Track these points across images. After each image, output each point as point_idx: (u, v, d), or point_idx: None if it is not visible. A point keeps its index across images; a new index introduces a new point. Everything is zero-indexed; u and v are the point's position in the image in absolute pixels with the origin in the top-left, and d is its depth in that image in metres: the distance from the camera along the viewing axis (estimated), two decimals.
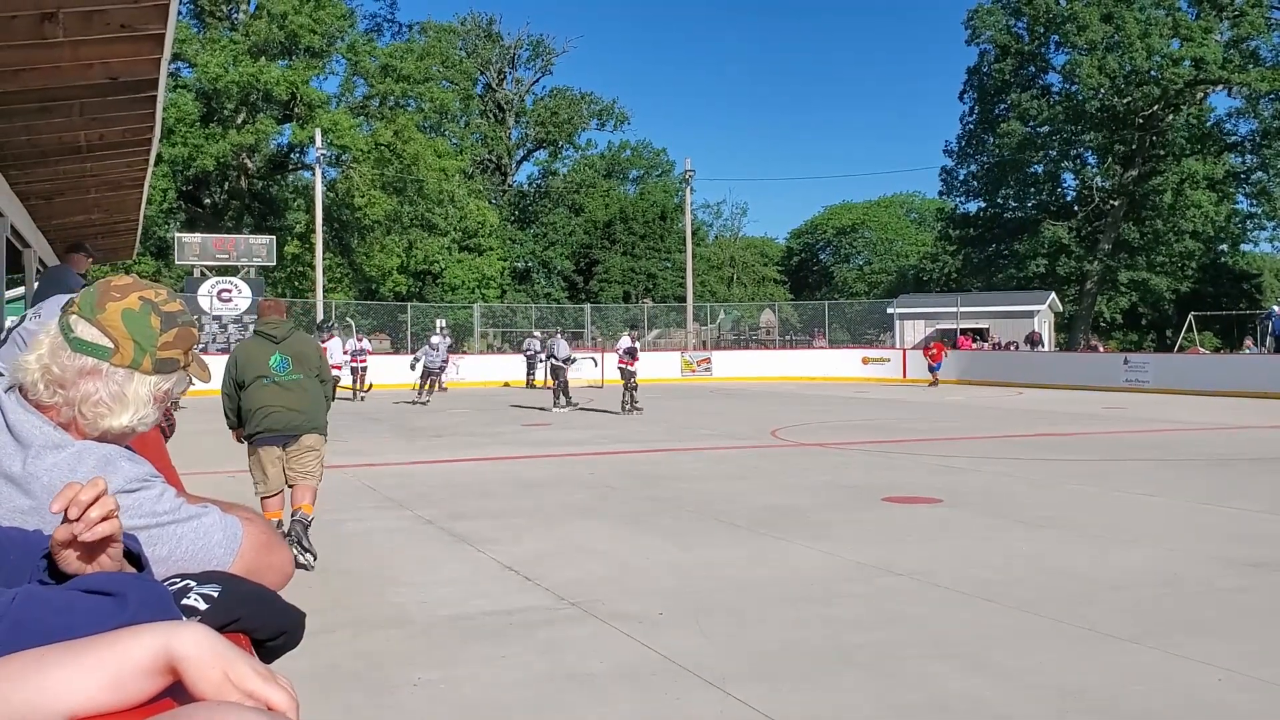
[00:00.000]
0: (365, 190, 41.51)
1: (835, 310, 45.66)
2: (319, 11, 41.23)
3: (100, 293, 1.55)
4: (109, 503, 1.18)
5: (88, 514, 1.17)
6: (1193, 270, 48.03)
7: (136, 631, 1.02)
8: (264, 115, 41.02)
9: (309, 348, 7.12)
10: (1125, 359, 28.26)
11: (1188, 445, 13.53)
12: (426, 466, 12.04)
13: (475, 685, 4.37)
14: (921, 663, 4.56)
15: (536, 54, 61.43)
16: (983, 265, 51.40)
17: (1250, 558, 6.58)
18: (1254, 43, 43.31)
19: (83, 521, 1.17)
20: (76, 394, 1.50)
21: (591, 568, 6.54)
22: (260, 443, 6.84)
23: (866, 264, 70.89)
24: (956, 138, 53.04)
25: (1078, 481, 10.16)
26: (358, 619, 5.35)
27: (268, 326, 6.98)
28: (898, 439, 14.41)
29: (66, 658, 0.99)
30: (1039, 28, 47.38)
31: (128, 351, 1.52)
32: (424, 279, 48.11)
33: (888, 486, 9.82)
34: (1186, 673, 4.39)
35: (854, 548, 7.00)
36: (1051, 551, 6.86)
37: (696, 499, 9.23)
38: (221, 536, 1.49)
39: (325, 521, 8.28)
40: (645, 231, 57.00)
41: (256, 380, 6.80)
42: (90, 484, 1.18)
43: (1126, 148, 46.75)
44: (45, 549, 1.26)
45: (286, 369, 6.82)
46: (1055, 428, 16.01)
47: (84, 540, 1.18)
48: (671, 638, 4.95)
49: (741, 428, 16.66)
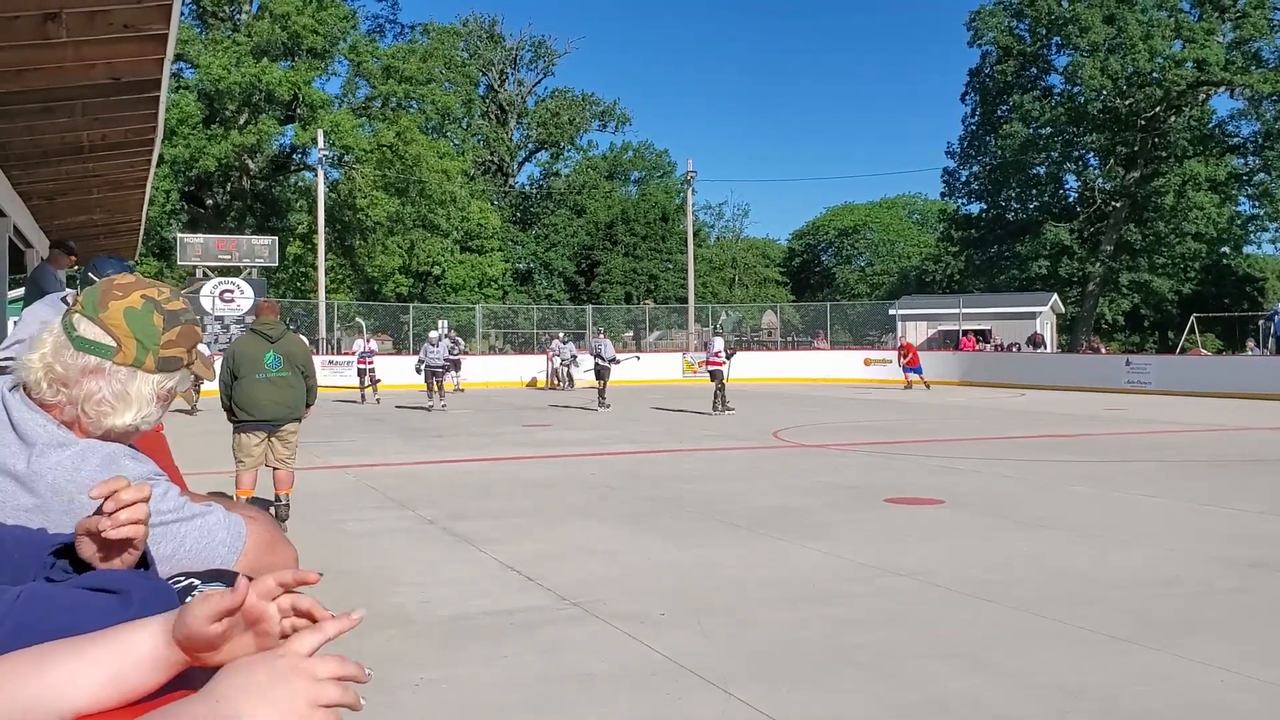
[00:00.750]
0: (368, 191, 41.54)
1: (837, 311, 45.65)
2: (321, 12, 41.28)
3: (103, 291, 1.56)
4: (142, 510, 1.23)
5: (118, 514, 1.20)
6: (1195, 272, 48.03)
7: (136, 626, 1.03)
8: (266, 116, 41.06)
9: (298, 348, 8.06)
10: (1127, 360, 28.24)
11: (1189, 447, 13.52)
12: (428, 467, 12.05)
13: (476, 685, 4.37)
14: (922, 663, 4.56)
15: (538, 55, 61.55)
16: (985, 267, 51.41)
17: (1251, 558, 6.58)
18: (1256, 44, 43.31)
19: (112, 519, 1.20)
20: (80, 392, 1.51)
21: (592, 568, 6.54)
22: (248, 429, 7.81)
23: (868, 265, 70.90)
24: (958, 139, 53.18)
25: (1079, 482, 10.16)
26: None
27: (264, 326, 7.88)
28: (899, 440, 14.41)
29: (69, 654, 1.00)
30: (1041, 29, 47.40)
31: (130, 350, 1.53)
32: (426, 280, 48.13)
33: (889, 487, 9.82)
34: (1187, 673, 4.39)
35: (855, 548, 7.01)
36: (1052, 552, 6.86)
37: (697, 499, 9.24)
38: (225, 535, 1.50)
39: (326, 521, 8.30)
40: (647, 233, 57.03)
41: (251, 375, 7.70)
42: (136, 486, 1.23)
43: (1129, 149, 46.75)
44: (55, 545, 1.27)
45: (279, 366, 7.75)
46: (1057, 429, 16.01)
47: (106, 536, 1.21)
48: (672, 638, 4.96)
49: (743, 429, 16.66)
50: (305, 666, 0.92)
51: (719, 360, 20.17)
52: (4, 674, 0.97)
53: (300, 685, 0.90)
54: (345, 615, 0.98)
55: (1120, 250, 47.24)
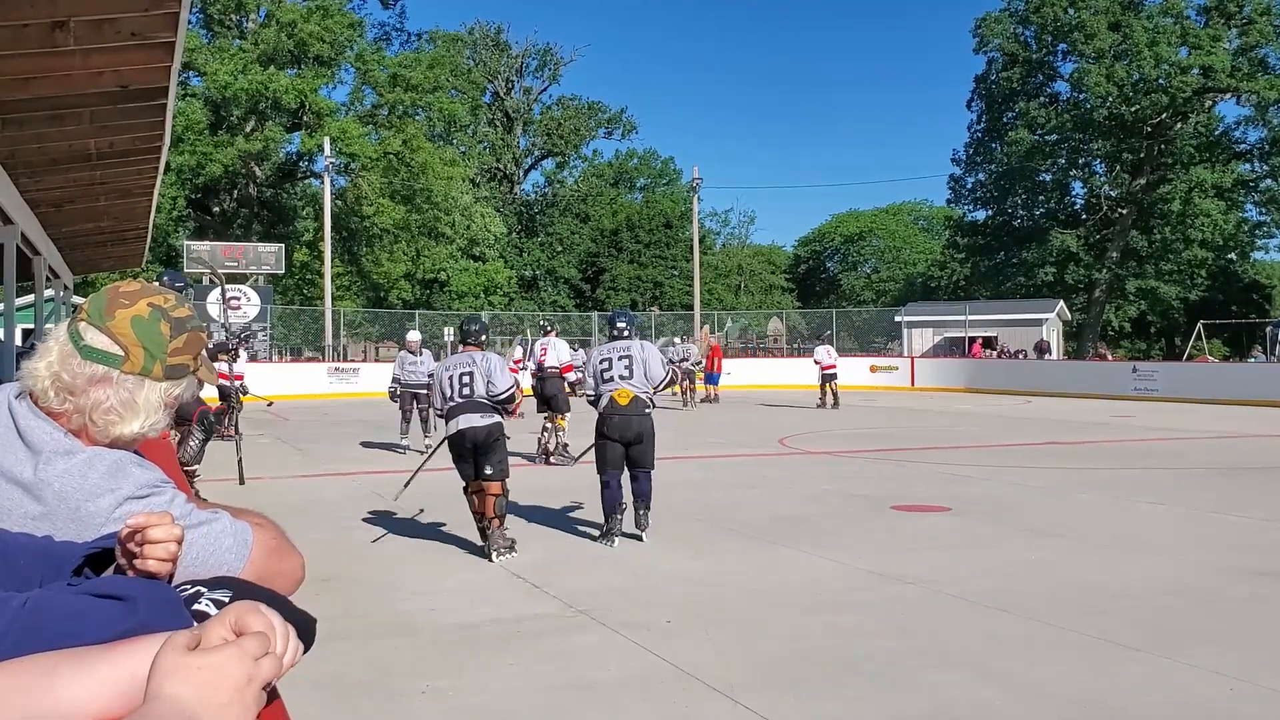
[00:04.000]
0: (374, 199, 41.63)
1: (843, 318, 45.60)
2: (328, 20, 41.39)
3: (109, 299, 1.55)
4: (170, 550, 1.27)
5: (146, 556, 1.25)
6: (1201, 279, 47.90)
7: (146, 645, 1.02)
8: (273, 123, 41.17)
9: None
10: (1134, 367, 28.16)
11: (1196, 454, 13.47)
12: (434, 474, 12.03)
13: (484, 694, 4.36)
14: (930, 672, 4.54)
15: (544, 63, 61.69)
16: (991, 273, 51.34)
17: (1260, 567, 6.54)
18: (1262, 51, 43.26)
19: (141, 556, 1.25)
20: (87, 401, 1.50)
21: (599, 576, 6.53)
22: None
23: (874, 272, 70.84)
24: (964, 146, 53.11)
25: (1086, 490, 10.12)
26: (366, 627, 5.34)
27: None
28: (906, 447, 14.38)
29: (79, 668, 0.99)
30: (1047, 36, 47.38)
31: (138, 359, 1.52)
32: (431, 287, 48.19)
33: (896, 495, 9.79)
34: (1197, 683, 4.36)
35: (862, 556, 6.98)
36: (1060, 560, 6.83)
37: (704, 507, 9.22)
38: (232, 542, 1.49)
39: (334, 529, 8.29)
40: (652, 240, 57.06)
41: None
42: (166, 527, 1.26)
43: (1135, 156, 46.69)
44: (82, 556, 1.28)
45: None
46: (1064, 436, 15.96)
47: (135, 562, 1.26)
48: (680, 646, 4.94)
49: (749, 436, 16.63)
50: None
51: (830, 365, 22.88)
52: (13, 686, 0.96)
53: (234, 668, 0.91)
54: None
55: (1127, 257, 47.16)
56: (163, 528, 1.25)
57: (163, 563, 1.24)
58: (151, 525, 1.24)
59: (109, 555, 1.30)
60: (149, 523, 1.24)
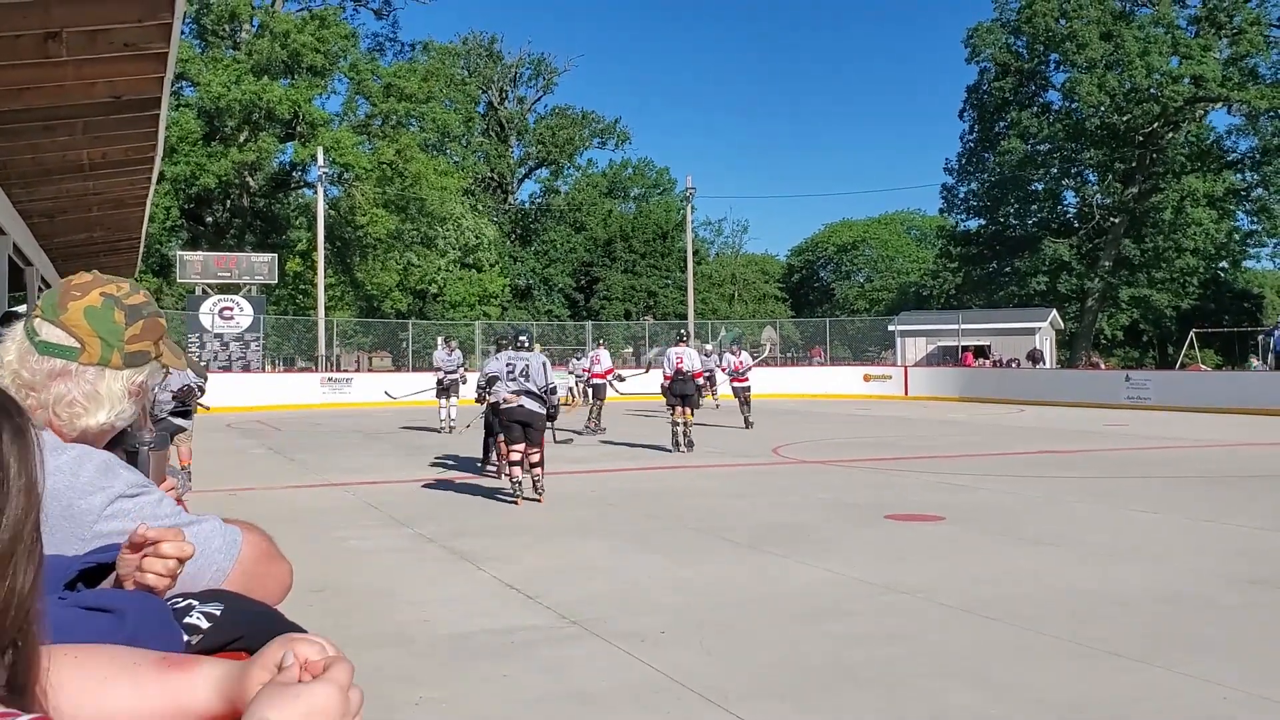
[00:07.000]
0: (367, 208, 41.62)
1: (836, 327, 45.64)
2: (322, 31, 41.42)
3: (61, 293, 1.55)
4: (172, 566, 1.26)
5: (145, 569, 1.24)
6: (1194, 287, 48.06)
7: (195, 671, 1.02)
8: (266, 134, 41.15)
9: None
10: (1127, 376, 28.23)
11: (1189, 462, 13.50)
12: (428, 484, 12.02)
13: (477, 704, 4.35)
14: (924, 680, 4.54)
15: (538, 72, 61.80)
16: (984, 282, 51.46)
17: (1253, 575, 6.56)
18: (1253, 60, 43.48)
19: (141, 568, 1.24)
20: (49, 396, 1.51)
21: (593, 586, 6.52)
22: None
23: (867, 281, 70.97)
24: (957, 155, 53.25)
25: (1080, 499, 10.14)
26: (359, 637, 5.32)
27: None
28: (900, 456, 14.39)
29: (129, 681, 1.00)
30: (1039, 46, 47.59)
31: (95, 349, 1.52)
32: (424, 297, 48.17)
33: (890, 504, 9.80)
34: (1191, 691, 4.37)
35: (856, 565, 6.98)
36: (1053, 569, 6.84)
37: (698, 516, 9.21)
38: (221, 542, 1.48)
39: (328, 540, 8.27)
40: (646, 249, 57.12)
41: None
42: (179, 544, 1.26)
43: (1127, 165, 46.87)
44: (75, 571, 1.28)
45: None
46: (1057, 445, 15.99)
47: (134, 573, 1.25)
48: (674, 656, 4.93)
49: (743, 445, 16.64)
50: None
51: (601, 375, 20.28)
52: (63, 696, 0.97)
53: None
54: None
55: (1119, 266, 47.30)
56: (175, 544, 1.24)
57: (161, 578, 1.24)
58: (166, 540, 1.24)
59: (103, 570, 1.30)
60: (163, 537, 1.24)
